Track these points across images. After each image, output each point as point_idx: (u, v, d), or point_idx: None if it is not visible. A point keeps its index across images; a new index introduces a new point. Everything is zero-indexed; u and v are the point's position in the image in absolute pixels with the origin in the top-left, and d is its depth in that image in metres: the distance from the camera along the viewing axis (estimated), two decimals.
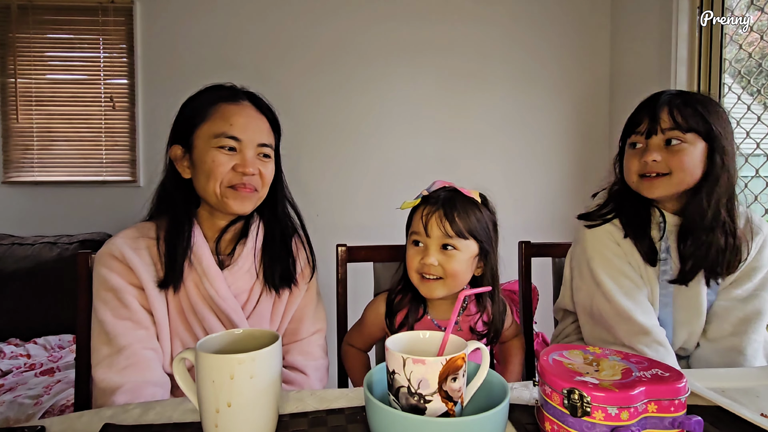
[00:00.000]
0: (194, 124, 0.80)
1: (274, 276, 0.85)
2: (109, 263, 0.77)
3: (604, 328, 0.91)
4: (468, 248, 0.82)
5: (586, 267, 0.94)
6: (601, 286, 0.90)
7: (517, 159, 2.26)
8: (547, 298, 1.23)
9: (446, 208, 0.81)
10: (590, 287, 0.93)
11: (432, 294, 0.83)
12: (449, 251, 0.81)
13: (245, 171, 0.79)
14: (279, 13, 2.14)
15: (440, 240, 0.81)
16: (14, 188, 2.13)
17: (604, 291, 0.90)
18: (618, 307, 0.88)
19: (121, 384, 0.70)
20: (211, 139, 0.79)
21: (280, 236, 0.89)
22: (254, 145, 0.81)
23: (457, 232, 0.80)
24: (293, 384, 0.85)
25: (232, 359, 0.47)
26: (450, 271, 0.81)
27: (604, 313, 0.90)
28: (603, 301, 0.90)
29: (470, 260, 0.82)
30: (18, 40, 2.10)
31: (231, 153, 0.79)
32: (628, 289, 0.89)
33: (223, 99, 0.81)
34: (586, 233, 0.96)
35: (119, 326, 0.74)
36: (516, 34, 2.23)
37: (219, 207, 0.81)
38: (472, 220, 0.81)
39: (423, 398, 0.47)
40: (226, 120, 0.79)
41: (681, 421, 0.48)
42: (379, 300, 0.93)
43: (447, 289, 0.83)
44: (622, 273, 0.90)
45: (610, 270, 0.91)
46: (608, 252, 0.92)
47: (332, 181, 2.21)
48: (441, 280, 0.82)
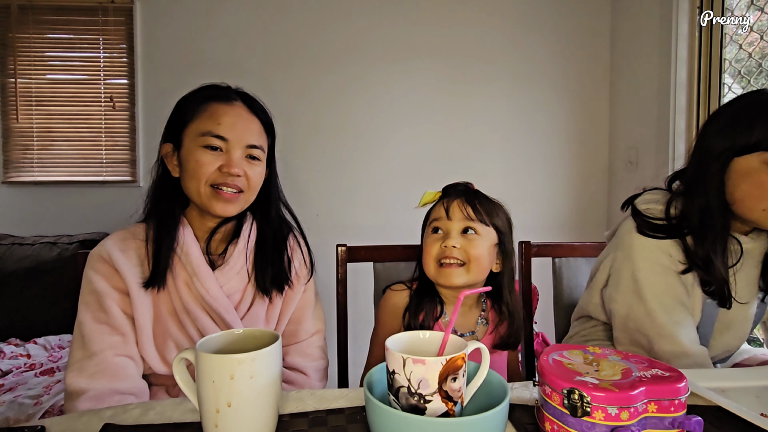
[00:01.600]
0: (184, 122, 0.80)
1: (265, 280, 0.84)
2: (96, 266, 0.77)
3: (640, 341, 0.84)
4: (489, 235, 0.82)
5: (629, 277, 0.85)
6: (645, 302, 0.83)
7: (517, 159, 2.27)
8: (547, 298, 1.23)
9: (468, 196, 0.83)
10: (629, 299, 0.85)
11: (452, 281, 0.81)
12: (471, 235, 0.81)
13: (230, 171, 0.77)
14: (279, 14, 2.14)
15: (462, 223, 0.81)
16: (14, 188, 2.13)
17: (647, 309, 0.82)
18: (660, 326, 0.81)
19: (86, 389, 0.70)
20: (198, 137, 0.78)
21: (272, 239, 0.87)
22: (242, 146, 0.79)
23: (478, 217, 0.81)
24: (294, 384, 0.85)
25: (232, 359, 0.47)
26: (473, 255, 0.80)
27: (642, 328, 0.83)
28: (643, 316, 0.83)
29: (491, 248, 0.82)
30: (18, 40, 2.10)
31: (216, 153, 0.78)
32: (672, 308, 0.82)
33: (214, 98, 0.81)
34: (635, 241, 0.85)
35: (95, 330, 0.74)
36: (516, 35, 2.23)
37: (203, 207, 0.80)
38: (493, 210, 0.83)
39: (423, 398, 0.47)
40: (214, 119, 0.78)
41: (681, 421, 0.48)
42: (394, 294, 0.90)
43: (469, 277, 0.81)
44: (669, 290, 0.82)
45: (657, 286, 0.82)
46: (658, 266, 0.83)
47: (332, 181, 2.21)
48: (463, 267, 0.80)
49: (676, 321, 0.81)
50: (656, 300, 0.82)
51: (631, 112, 2.14)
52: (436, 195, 0.87)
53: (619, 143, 2.22)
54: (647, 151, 2.00)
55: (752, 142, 0.75)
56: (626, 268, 0.86)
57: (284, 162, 0.92)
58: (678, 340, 0.79)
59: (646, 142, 2.01)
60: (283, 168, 0.92)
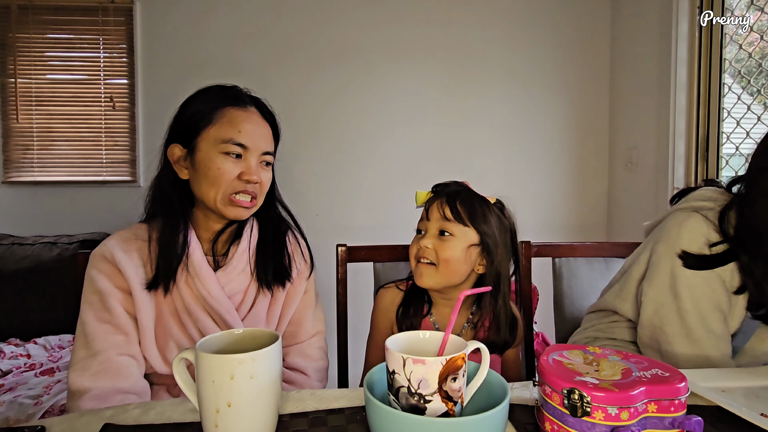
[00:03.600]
0: (199, 127, 0.79)
1: (267, 273, 0.85)
2: (99, 265, 0.77)
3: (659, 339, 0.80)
4: (465, 236, 0.81)
5: (667, 272, 0.80)
6: (679, 300, 0.78)
7: (517, 159, 2.27)
8: (547, 298, 1.23)
9: (449, 196, 0.82)
10: (663, 296, 0.80)
11: (422, 280, 0.82)
12: (445, 237, 0.81)
13: (250, 179, 0.78)
14: (279, 14, 2.14)
15: (438, 224, 0.82)
16: (14, 188, 2.13)
17: (680, 307, 0.77)
18: (689, 329, 0.77)
19: (90, 388, 0.70)
20: (218, 144, 0.77)
21: (273, 235, 0.88)
22: (259, 153, 0.80)
23: (455, 217, 0.80)
24: (294, 384, 0.85)
25: (232, 359, 0.47)
26: (442, 257, 0.80)
27: (666, 326, 0.79)
28: (673, 314, 0.78)
29: (466, 250, 0.81)
30: (18, 40, 2.10)
31: (237, 160, 0.78)
32: (709, 313, 0.77)
33: (230, 103, 0.80)
34: (684, 233, 0.79)
35: (99, 329, 0.74)
36: (516, 35, 2.23)
37: (216, 211, 0.80)
38: (476, 210, 0.81)
39: (423, 398, 0.47)
40: (234, 126, 0.78)
41: (681, 421, 0.48)
42: (387, 293, 0.92)
43: (439, 278, 0.81)
44: (710, 295, 0.77)
45: (697, 288, 0.77)
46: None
47: (332, 181, 2.21)
48: (433, 267, 0.81)
49: (709, 329, 0.76)
50: (692, 301, 0.77)
51: (631, 112, 2.14)
52: (427, 195, 0.87)
53: (619, 143, 2.22)
54: (647, 151, 2.00)
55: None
56: (666, 261, 0.80)
57: (283, 162, 0.92)
58: (703, 346, 0.75)
59: (646, 142, 2.01)
60: (283, 168, 0.92)
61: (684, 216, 0.82)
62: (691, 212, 0.81)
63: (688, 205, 0.84)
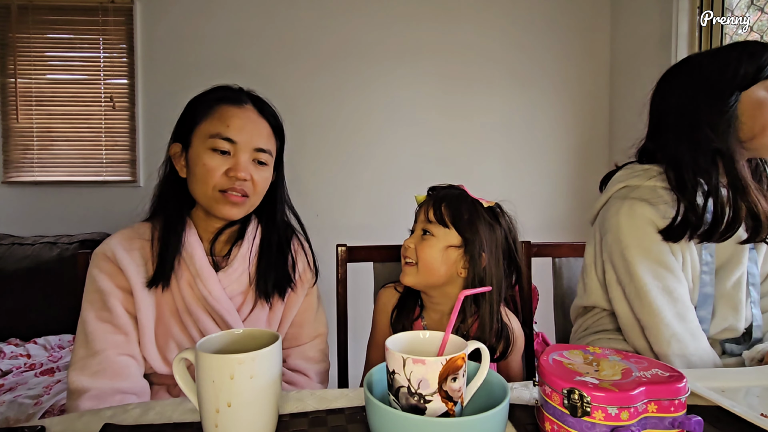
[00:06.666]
0: (193, 123, 0.79)
1: (267, 284, 0.84)
2: (101, 264, 0.77)
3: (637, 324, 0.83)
4: (446, 237, 0.81)
5: (619, 258, 0.84)
6: (635, 280, 0.81)
7: (517, 159, 2.27)
8: (547, 298, 1.23)
9: (437, 199, 0.84)
10: (624, 279, 0.84)
11: (404, 278, 0.84)
12: (426, 237, 0.82)
13: (237, 175, 0.76)
14: (279, 14, 2.14)
15: (421, 224, 0.84)
16: (14, 188, 2.13)
17: (637, 286, 0.81)
18: (650, 305, 0.79)
19: (89, 388, 0.70)
20: (207, 139, 0.77)
21: (276, 243, 0.87)
22: (250, 149, 0.79)
23: (437, 218, 0.81)
24: (296, 386, 0.85)
25: (232, 359, 0.47)
26: (420, 256, 0.82)
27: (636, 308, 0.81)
28: (634, 297, 0.82)
29: (445, 250, 0.81)
30: (18, 40, 2.10)
31: (224, 156, 0.77)
32: (662, 276, 0.80)
33: (225, 100, 0.80)
34: (621, 219, 0.84)
35: (99, 329, 0.74)
36: (516, 35, 2.23)
37: (209, 210, 0.80)
38: (462, 213, 0.81)
39: (423, 398, 0.47)
40: (223, 121, 0.77)
41: (681, 421, 0.48)
42: (385, 293, 0.93)
43: (418, 278, 0.83)
44: (659, 258, 0.80)
45: (649, 261, 0.80)
46: (647, 240, 0.81)
47: (332, 181, 2.21)
48: (414, 266, 0.83)
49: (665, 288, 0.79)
50: (647, 273, 0.80)
51: (631, 112, 2.13)
52: (422, 198, 0.89)
53: (619, 143, 2.22)
54: None
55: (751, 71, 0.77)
56: (616, 249, 0.85)
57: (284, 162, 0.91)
58: (660, 313, 0.78)
59: None
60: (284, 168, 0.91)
61: (619, 205, 0.86)
62: (625, 200, 0.85)
63: (620, 192, 0.88)
